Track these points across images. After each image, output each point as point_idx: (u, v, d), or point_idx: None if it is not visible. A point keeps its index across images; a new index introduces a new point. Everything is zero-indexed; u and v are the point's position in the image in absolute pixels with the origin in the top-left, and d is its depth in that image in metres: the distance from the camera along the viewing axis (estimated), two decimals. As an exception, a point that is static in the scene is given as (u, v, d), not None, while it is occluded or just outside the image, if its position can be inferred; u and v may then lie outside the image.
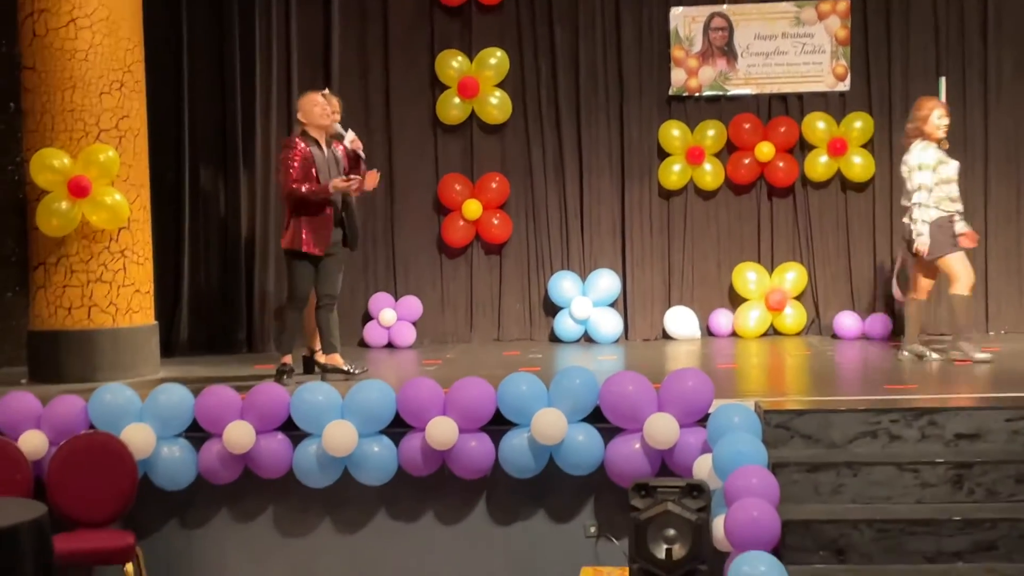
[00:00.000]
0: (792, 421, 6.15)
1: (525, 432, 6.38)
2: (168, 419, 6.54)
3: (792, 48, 10.25)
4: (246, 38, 10.08)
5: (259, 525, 6.73)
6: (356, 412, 6.46)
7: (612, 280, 10.21)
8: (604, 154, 10.36)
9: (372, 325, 10.26)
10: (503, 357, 9.16)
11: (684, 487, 5.64)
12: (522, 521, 6.65)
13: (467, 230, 10.36)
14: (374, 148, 10.28)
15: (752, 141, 10.20)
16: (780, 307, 10.13)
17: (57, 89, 8.05)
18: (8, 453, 6.27)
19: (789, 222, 10.36)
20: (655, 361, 8.72)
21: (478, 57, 10.30)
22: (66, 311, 8.07)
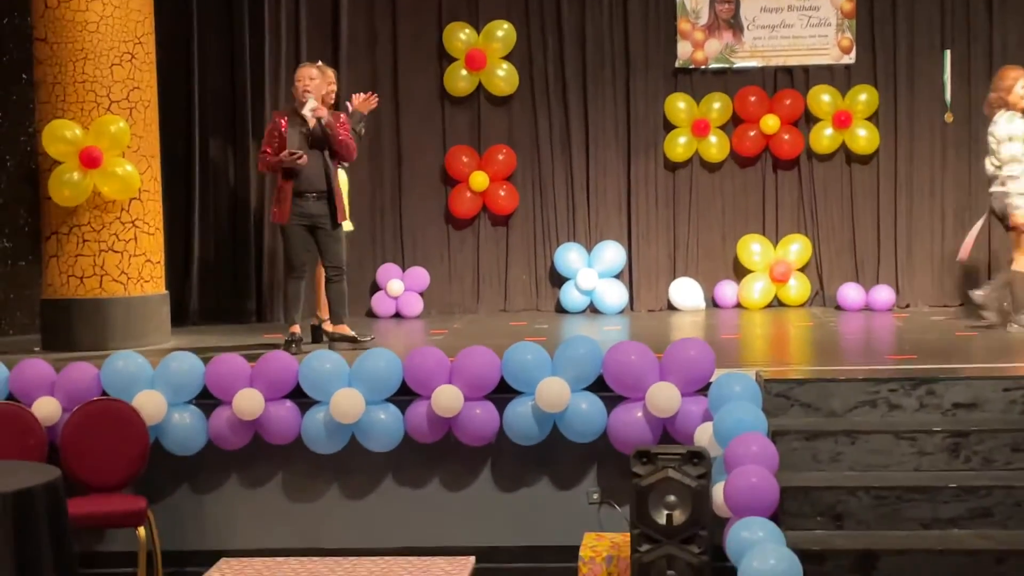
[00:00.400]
0: (792, 390, 6.24)
1: (529, 400, 6.48)
2: (179, 386, 6.64)
3: (798, 21, 10.29)
4: (255, 8, 10.14)
5: (268, 490, 6.84)
6: (363, 380, 6.56)
7: (617, 252, 10.30)
8: (610, 127, 10.43)
9: (380, 295, 10.37)
10: (509, 327, 9.26)
11: (685, 454, 5.73)
12: (526, 488, 6.75)
13: (474, 201, 10.44)
14: (382, 119, 10.38)
15: (758, 114, 10.25)
16: (784, 279, 10.21)
17: (68, 60, 8.13)
18: (22, 419, 6.38)
19: (794, 194, 10.43)
20: (659, 331, 8.81)
21: (485, 29, 10.36)
22: (78, 280, 8.18)
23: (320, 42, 10.31)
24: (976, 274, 10.01)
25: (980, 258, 9.91)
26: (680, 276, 10.40)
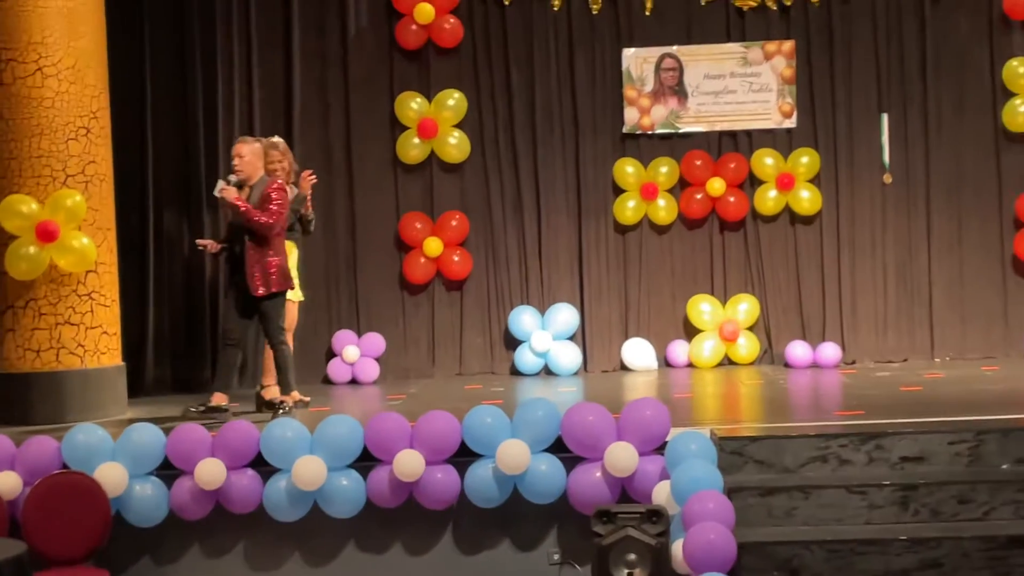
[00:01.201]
0: (746, 447, 6.39)
1: (490, 463, 6.58)
2: (140, 457, 6.68)
3: (740, 87, 10.58)
4: (209, 83, 10.29)
5: (231, 560, 6.85)
6: (325, 446, 6.63)
7: (571, 314, 10.46)
8: (561, 191, 10.64)
9: (336, 362, 10.44)
10: (465, 391, 9.36)
11: (644, 513, 5.85)
12: (488, 551, 6.81)
13: (428, 267, 10.58)
14: (335, 187, 10.56)
15: (704, 177, 10.50)
16: (733, 338, 10.40)
17: (24, 136, 8.21)
18: (-17, 494, 6.39)
19: (741, 255, 10.66)
20: (614, 392, 8.95)
21: (437, 98, 10.56)
22: (35, 353, 8.20)
23: (273, 114, 10.46)
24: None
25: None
26: (632, 336, 10.57)
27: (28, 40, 8.21)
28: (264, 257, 7.88)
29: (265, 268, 7.88)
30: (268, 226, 7.83)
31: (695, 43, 10.64)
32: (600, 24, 10.65)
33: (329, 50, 10.62)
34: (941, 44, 10.50)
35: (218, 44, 10.32)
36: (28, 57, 8.22)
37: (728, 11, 10.64)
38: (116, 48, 8.93)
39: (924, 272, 10.52)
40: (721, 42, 10.64)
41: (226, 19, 10.36)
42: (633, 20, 10.64)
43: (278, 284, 7.94)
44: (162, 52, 10.30)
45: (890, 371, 9.80)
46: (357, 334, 10.52)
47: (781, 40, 10.59)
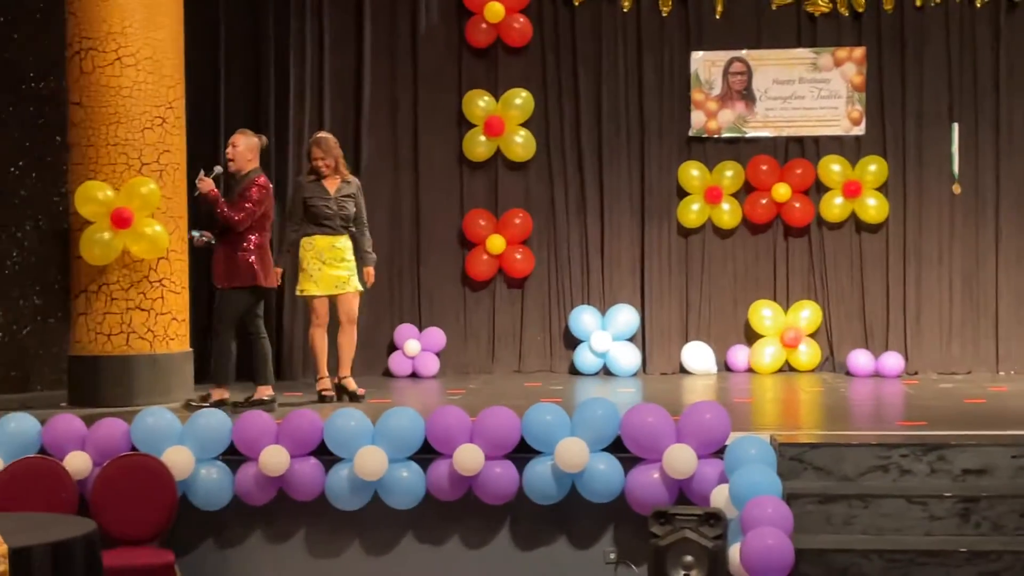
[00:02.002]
0: (806, 454, 6.39)
1: (549, 460, 6.63)
2: (207, 442, 6.80)
3: (809, 93, 10.55)
4: (281, 75, 10.43)
5: (292, 546, 6.96)
6: (386, 438, 6.72)
7: (631, 315, 10.49)
8: (625, 192, 10.67)
9: (397, 355, 10.54)
10: (524, 388, 9.42)
11: (702, 515, 5.88)
12: (544, 547, 6.87)
13: (490, 264, 10.65)
14: (402, 183, 10.65)
15: (769, 182, 10.49)
16: (795, 344, 10.38)
17: (102, 124, 8.37)
18: (55, 473, 6.52)
19: (804, 261, 10.63)
20: (673, 394, 8.97)
21: (504, 97, 10.63)
22: (106, 337, 8.36)
23: (343, 107, 10.59)
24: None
25: None
26: (692, 340, 10.59)
27: (108, 30, 8.36)
28: (233, 251, 7.97)
29: (230, 261, 7.98)
30: (234, 221, 7.89)
31: (765, 47, 10.63)
32: (669, 26, 10.67)
33: (399, 46, 10.72)
34: (1015, 54, 10.41)
35: (291, 37, 10.47)
36: (107, 47, 8.37)
37: (799, 16, 10.61)
38: (192, 39, 9.06)
39: (991, 284, 10.43)
40: (791, 47, 10.62)
41: (300, 13, 10.51)
42: (703, 23, 10.65)
43: (240, 279, 8.00)
44: (237, 44, 10.46)
45: (953, 383, 9.73)
46: (419, 328, 10.62)
47: (852, 46, 10.55)
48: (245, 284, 8.04)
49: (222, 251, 8.03)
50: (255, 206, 7.94)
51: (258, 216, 8.00)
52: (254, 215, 7.96)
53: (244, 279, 8.02)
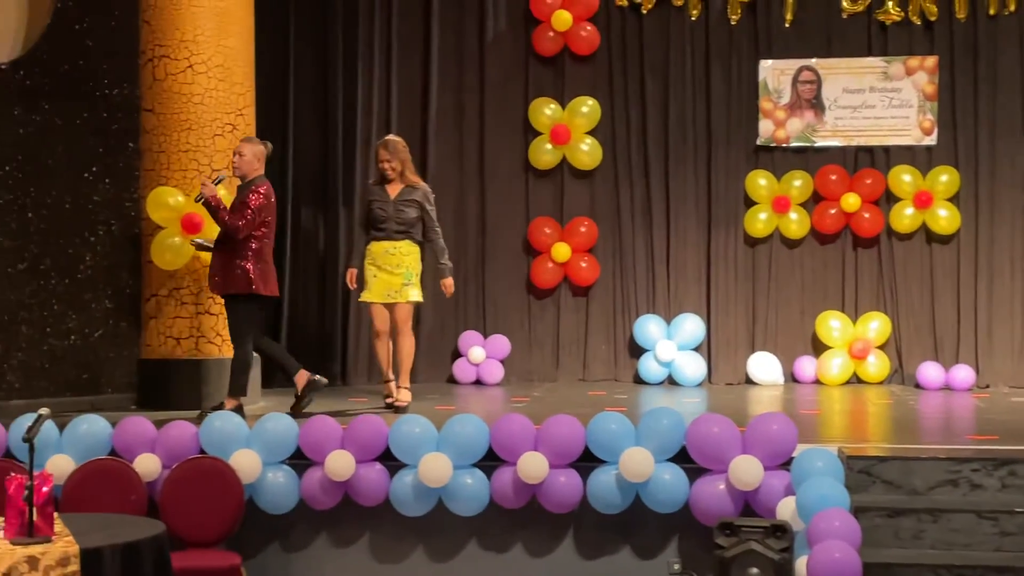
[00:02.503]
0: (874, 467, 6.31)
1: (613, 469, 6.61)
2: (274, 446, 6.85)
3: (879, 102, 10.45)
4: (349, 82, 10.53)
5: (356, 550, 6.98)
6: (451, 445, 6.73)
7: (696, 324, 10.44)
8: (691, 201, 10.62)
9: (461, 362, 10.57)
10: (589, 396, 9.41)
11: (768, 527, 5.82)
12: (608, 556, 6.83)
13: (555, 272, 10.65)
14: (467, 190, 10.71)
15: (838, 192, 10.39)
16: (863, 356, 10.27)
17: (173, 130, 8.49)
18: (125, 474, 6.59)
19: (873, 272, 10.52)
20: (738, 405, 8.90)
21: (570, 105, 10.63)
22: (175, 341, 8.47)
23: (410, 114, 10.66)
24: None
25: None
26: (759, 350, 10.51)
27: (180, 38, 8.49)
28: (230, 259, 7.85)
29: (227, 268, 7.85)
30: (235, 228, 7.77)
31: (835, 56, 10.55)
32: (738, 35, 10.62)
33: (466, 54, 10.77)
34: (1090, 63, 10.25)
35: (360, 45, 10.57)
36: (180, 54, 8.50)
37: (870, 24, 10.52)
38: (262, 47, 9.18)
39: (1076, 298, 10.28)
40: (862, 56, 10.53)
41: (368, 20, 10.60)
42: (772, 31, 10.58)
43: (235, 286, 7.87)
44: (306, 51, 10.57)
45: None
46: (483, 336, 10.64)
47: (924, 55, 10.43)
48: (241, 292, 7.86)
49: (219, 258, 7.90)
50: (255, 214, 7.83)
51: (258, 224, 7.88)
52: (254, 223, 7.83)
53: (240, 287, 7.85)
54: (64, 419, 6.95)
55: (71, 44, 8.98)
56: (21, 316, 8.76)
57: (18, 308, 8.75)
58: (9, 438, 6.83)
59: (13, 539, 4.92)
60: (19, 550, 4.82)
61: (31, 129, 8.80)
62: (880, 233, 10.47)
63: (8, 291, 8.70)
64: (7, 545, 4.87)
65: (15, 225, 8.74)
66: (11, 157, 8.72)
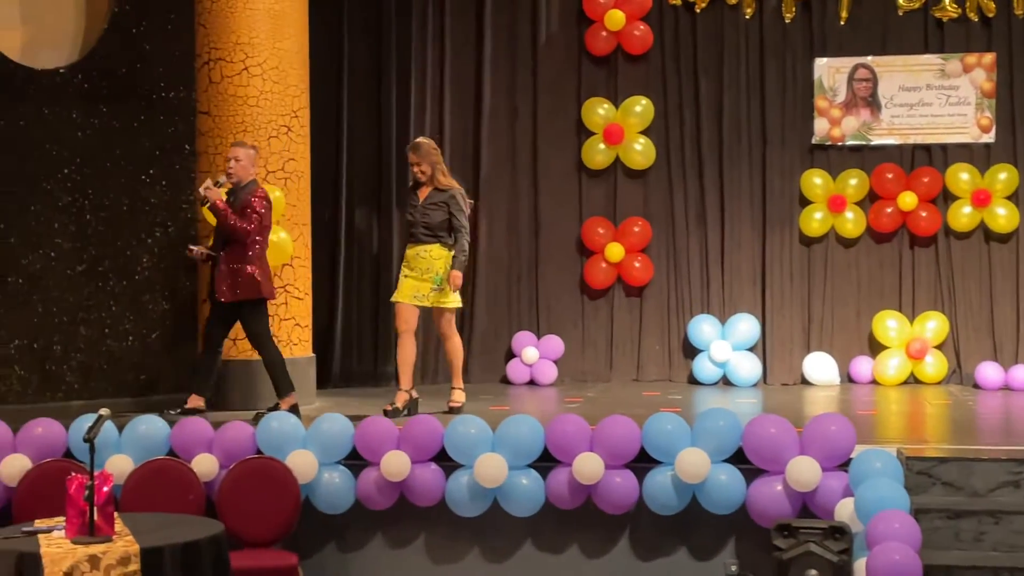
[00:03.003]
0: (934, 468, 6.25)
1: (669, 470, 6.59)
2: (330, 446, 6.89)
3: (936, 99, 10.33)
4: (402, 84, 10.55)
5: (412, 551, 7.01)
6: (506, 445, 6.73)
7: (751, 324, 10.37)
8: (745, 201, 10.55)
9: (515, 363, 10.57)
10: (643, 397, 9.37)
11: (826, 529, 5.78)
12: (664, 557, 6.82)
13: (609, 272, 10.62)
14: (520, 191, 10.70)
15: (895, 191, 10.28)
16: (921, 356, 10.15)
17: (229, 133, 8.56)
18: (183, 475, 6.65)
19: (931, 271, 10.40)
20: (794, 405, 8.84)
21: (624, 105, 10.60)
22: (231, 342, 8.52)
23: (463, 115, 10.67)
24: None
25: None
26: (814, 350, 10.41)
27: (236, 41, 8.56)
28: (238, 263, 7.87)
29: (236, 274, 7.87)
30: (246, 232, 7.81)
31: (891, 54, 10.43)
32: (792, 33, 10.53)
33: (519, 54, 10.76)
34: None
35: (413, 46, 10.58)
36: (235, 57, 8.57)
37: (926, 21, 10.40)
38: (316, 48, 9.22)
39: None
40: (918, 53, 10.41)
41: (421, 21, 10.62)
42: (827, 29, 10.49)
43: (246, 292, 7.89)
44: (359, 53, 10.60)
45: None
46: (536, 336, 10.63)
47: (981, 52, 10.30)
48: (251, 297, 7.92)
49: (225, 266, 7.89)
50: (262, 217, 7.89)
51: (263, 227, 7.94)
52: (261, 226, 7.89)
53: (251, 292, 7.90)
54: (122, 420, 7.02)
55: (128, 48, 9.08)
56: (80, 317, 8.86)
57: (77, 309, 8.85)
58: (70, 438, 6.90)
59: (74, 538, 4.98)
60: (80, 549, 4.88)
61: (89, 132, 8.90)
62: (937, 232, 10.34)
63: (67, 292, 8.80)
64: (69, 544, 4.94)
65: (74, 227, 8.84)
66: (70, 160, 8.82)
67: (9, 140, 8.62)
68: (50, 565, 4.82)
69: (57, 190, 8.79)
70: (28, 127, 8.68)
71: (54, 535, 5.09)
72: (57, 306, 8.77)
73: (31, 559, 4.86)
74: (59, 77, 8.83)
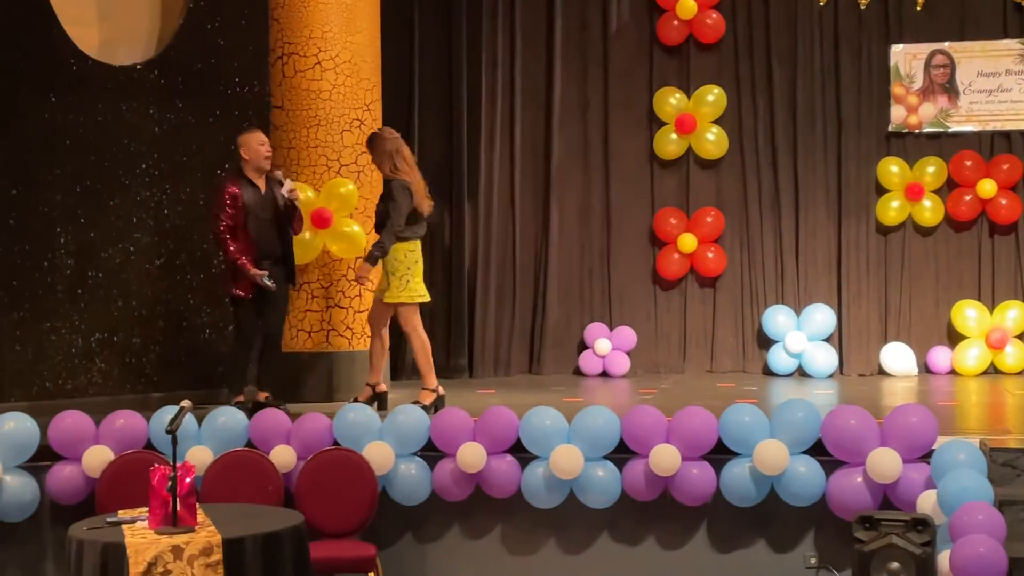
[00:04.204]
0: (1019, 459, 6.13)
1: (747, 462, 6.53)
2: (406, 438, 6.90)
3: (1016, 85, 10.16)
4: (473, 75, 10.55)
5: (488, 542, 7.01)
6: (582, 437, 6.71)
7: (827, 315, 10.25)
8: (820, 190, 10.43)
9: (587, 354, 10.55)
10: (718, 388, 9.31)
11: (909, 521, 5.70)
12: (742, 550, 6.75)
13: (682, 263, 10.56)
14: (592, 182, 10.66)
15: (974, 178, 10.12)
16: (1001, 345, 9.98)
17: (303, 127, 8.62)
18: (262, 466, 6.71)
19: (1011, 260, 10.22)
20: (872, 396, 8.73)
21: (696, 94, 10.52)
22: (307, 334, 8.60)
23: (534, 106, 10.65)
24: None
25: None
26: (891, 341, 10.28)
27: (309, 35, 8.61)
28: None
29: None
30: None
31: (968, 39, 10.27)
32: (868, 19, 10.38)
33: (590, 44, 10.73)
34: None
35: (483, 37, 10.58)
36: (308, 51, 8.62)
37: (1005, 6, 10.22)
38: (387, 41, 9.25)
39: None
40: (997, 38, 10.23)
41: (492, 12, 10.61)
42: (903, 15, 10.33)
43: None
44: (430, 45, 10.62)
45: None
46: (609, 327, 10.60)
47: (1062, 36, 10.12)
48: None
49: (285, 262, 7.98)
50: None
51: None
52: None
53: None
54: (201, 412, 7.10)
55: (203, 43, 9.19)
56: (158, 311, 8.97)
57: (155, 303, 8.96)
58: (151, 430, 6.99)
59: (158, 529, 5.06)
60: (164, 540, 4.95)
61: (166, 127, 9.02)
62: (1018, 220, 10.17)
63: (146, 286, 8.92)
64: (152, 535, 5.01)
65: (152, 221, 8.97)
66: (148, 155, 8.94)
67: (88, 136, 8.76)
68: (134, 555, 4.90)
69: (135, 185, 8.92)
70: (106, 123, 8.81)
71: (138, 525, 5.17)
72: (136, 299, 8.89)
73: (116, 549, 4.94)
74: (136, 73, 8.96)
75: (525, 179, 10.63)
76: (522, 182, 10.62)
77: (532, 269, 10.66)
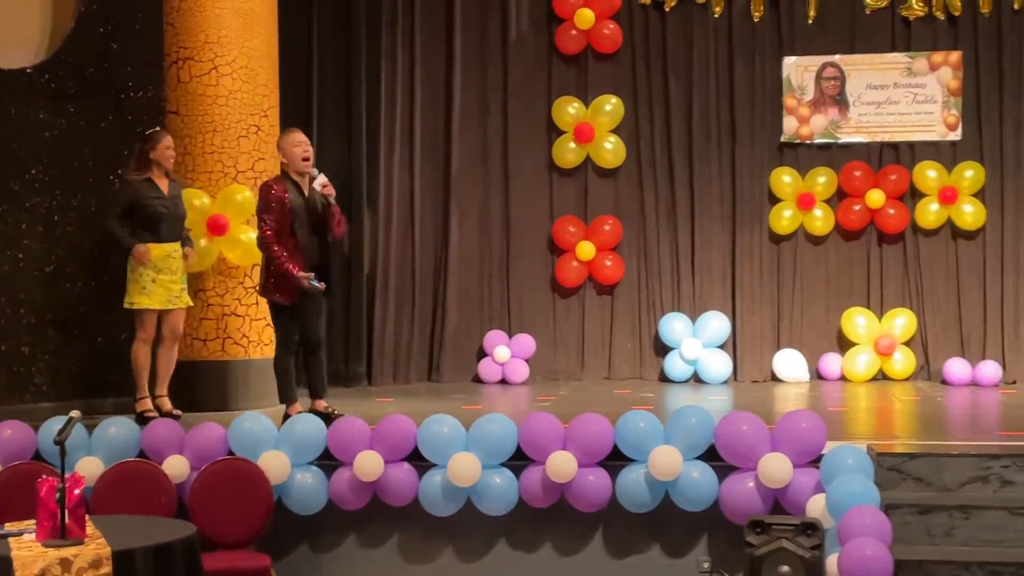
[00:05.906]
0: (904, 464, 6.29)
1: (642, 468, 6.60)
2: (302, 447, 6.86)
3: (904, 98, 10.40)
4: (372, 83, 10.51)
5: (385, 551, 6.99)
6: (479, 444, 6.73)
7: (722, 322, 10.40)
8: (716, 199, 10.58)
9: (486, 361, 10.56)
10: (615, 395, 9.40)
11: (798, 525, 5.80)
12: (637, 555, 6.83)
13: (580, 271, 10.64)
14: (491, 189, 10.69)
15: (863, 188, 10.35)
16: (889, 352, 10.22)
17: (198, 132, 8.52)
18: (154, 476, 6.61)
19: (899, 268, 10.47)
20: (765, 402, 8.88)
21: (594, 103, 10.61)
22: (202, 343, 8.50)
23: (433, 115, 10.66)
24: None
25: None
26: (784, 347, 10.46)
27: (205, 39, 8.52)
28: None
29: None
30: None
31: (858, 52, 10.50)
32: (761, 32, 10.57)
33: (490, 52, 10.76)
34: (1119, 58, 10.17)
35: (383, 44, 10.55)
36: (204, 56, 8.52)
37: (894, 20, 10.46)
38: (285, 47, 9.18)
39: None
40: (885, 52, 10.47)
41: (391, 19, 10.58)
42: (795, 28, 10.54)
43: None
44: (329, 51, 10.55)
45: None
46: (508, 335, 10.63)
47: (948, 51, 10.37)
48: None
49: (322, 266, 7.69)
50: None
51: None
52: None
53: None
54: (91, 422, 6.97)
55: (95, 47, 9.03)
56: (48, 319, 8.79)
57: (45, 311, 8.79)
58: (39, 441, 6.85)
59: (45, 541, 4.94)
60: (52, 552, 4.84)
61: (56, 132, 8.85)
62: (905, 229, 10.41)
63: (36, 294, 8.74)
64: (40, 547, 4.89)
65: (42, 228, 8.78)
66: (38, 160, 8.76)
67: (-25, 140, 8.57)
68: (21, 568, 4.78)
69: (24, 191, 8.73)
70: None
71: (24, 538, 5.05)
72: (25, 308, 8.70)
73: (2, 563, 4.81)
74: (26, 77, 8.77)
75: (425, 186, 10.63)
76: (422, 189, 10.61)
77: (432, 276, 10.66)
